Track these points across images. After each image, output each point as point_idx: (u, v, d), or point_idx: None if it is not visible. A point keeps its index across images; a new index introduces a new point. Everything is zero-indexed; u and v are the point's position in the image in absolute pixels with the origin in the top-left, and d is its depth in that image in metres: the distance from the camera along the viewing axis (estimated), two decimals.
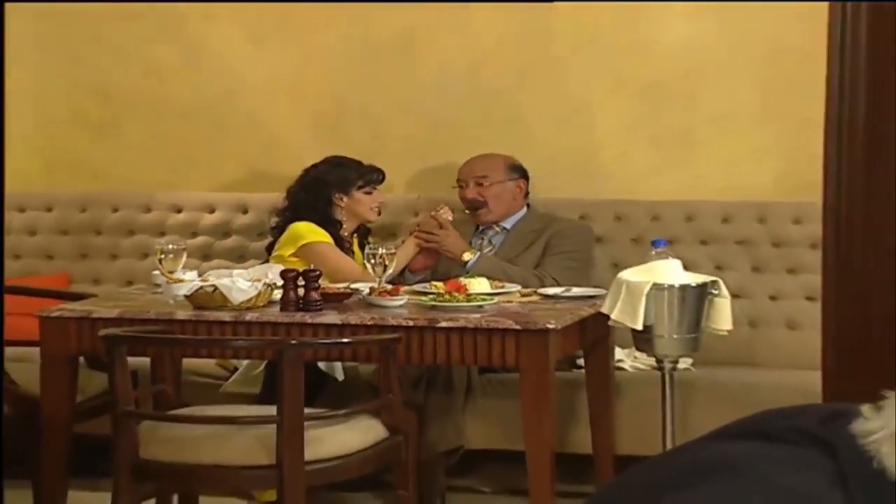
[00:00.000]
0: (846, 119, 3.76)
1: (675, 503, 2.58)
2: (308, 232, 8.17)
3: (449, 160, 8.71)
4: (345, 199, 8.29)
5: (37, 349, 7.16)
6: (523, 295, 7.28)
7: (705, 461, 2.72)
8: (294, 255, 8.00)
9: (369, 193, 8.34)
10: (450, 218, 8.09)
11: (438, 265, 8.30)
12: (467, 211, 8.40)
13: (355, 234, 8.43)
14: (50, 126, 9.37)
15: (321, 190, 8.28)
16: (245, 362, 7.99)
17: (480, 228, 8.44)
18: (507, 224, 8.37)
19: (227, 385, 7.91)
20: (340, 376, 7.58)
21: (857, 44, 3.72)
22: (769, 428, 2.73)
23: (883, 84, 3.72)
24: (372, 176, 8.38)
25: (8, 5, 9.21)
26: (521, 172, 8.43)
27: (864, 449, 2.59)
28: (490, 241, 8.37)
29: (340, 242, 8.24)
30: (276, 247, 8.25)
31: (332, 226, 8.25)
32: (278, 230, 8.33)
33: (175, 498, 7.30)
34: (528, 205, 8.44)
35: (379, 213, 8.45)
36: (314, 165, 8.38)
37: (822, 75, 3.76)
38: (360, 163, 8.42)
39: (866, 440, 2.64)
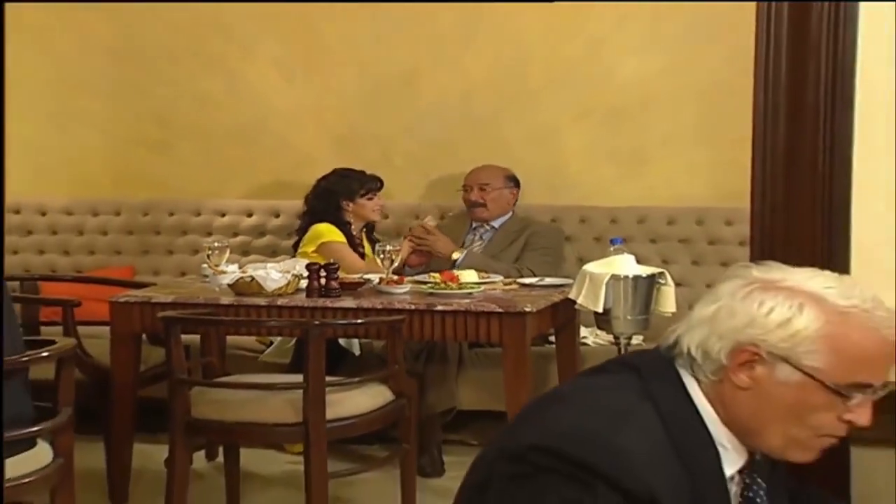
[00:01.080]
0: (769, 139, 3.78)
1: (513, 433, 2.81)
2: (327, 232, 8.19)
3: (444, 173, 8.72)
4: (351, 204, 8.28)
5: (107, 328, 7.23)
6: (505, 284, 7.32)
7: (546, 397, 2.97)
8: (315, 251, 8.00)
9: (371, 199, 8.36)
10: (434, 224, 8.18)
11: (432, 261, 8.29)
12: (472, 207, 8.43)
13: (363, 231, 8.44)
14: (119, 146, 9.35)
15: (331, 198, 8.29)
16: (279, 338, 8.03)
17: (473, 226, 8.44)
18: (496, 224, 8.38)
19: (264, 356, 7.97)
20: (357, 351, 7.64)
21: (777, 78, 3.75)
22: (605, 364, 2.96)
23: (799, 110, 3.75)
24: (372, 184, 8.38)
25: (80, 43, 9.25)
26: (515, 182, 8.45)
27: (660, 358, 2.84)
28: (481, 237, 8.39)
29: (352, 240, 8.25)
30: (301, 245, 8.25)
31: (343, 226, 8.24)
32: (301, 231, 8.35)
33: (220, 449, 7.43)
34: (513, 210, 8.47)
35: (382, 214, 8.49)
36: (325, 177, 8.39)
37: (749, 104, 3.79)
38: (363, 173, 8.41)
39: (663, 340, 2.86)
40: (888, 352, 2.71)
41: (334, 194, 8.31)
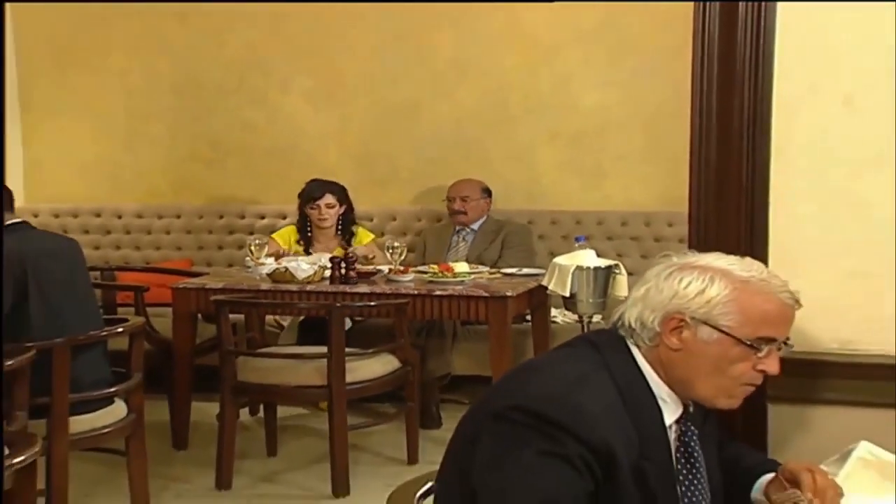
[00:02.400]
0: (703, 157, 3.77)
1: (497, 395, 2.83)
2: (279, 233, 8.26)
3: (441, 184, 8.64)
4: (308, 211, 8.09)
5: (170, 309, 7.27)
6: (490, 274, 7.33)
7: (524, 366, 3.03)
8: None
9: (313, 209, 8.04)
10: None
11: (426, 255, 8.32)
12: (454, 214, 8.38)
13: (338, 233, 8.13)
14: (179, 162, 9.34)
15: (300, 207, 8.13)
16: (288, 322, 7.99)
17: (457, 229, 8.39)
18: (475, 227, 8.33)
19: (280, 340, 7.87)
20: (348, 325, 7.43)
21: (709, 107, 3.74)
22: (570, 340, 3.02)
23: (727, 134, 3.74)
24: (312, 194, 8.08)
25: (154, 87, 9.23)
26: (489, 193, 8.40)
27: (613, 334, 2.90)
28: (464, 238, 8.34)
29: (309, 241, 8.11)
30: None
31: (302, 228, 8.14)
32: None
33: (261, 407, 7.45)
34: (487, 214, 8.43)
35: (330, 226, 8.08)
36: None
37: (686, 129, 3.78)
38: (314, 183, 8.11)
39: (611, 318, 2.94)
40: (785, 311, 2.82)
41: (300, 204, 8.16)
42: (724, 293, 2.76)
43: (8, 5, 9.34)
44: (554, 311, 7.68)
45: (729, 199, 3.77)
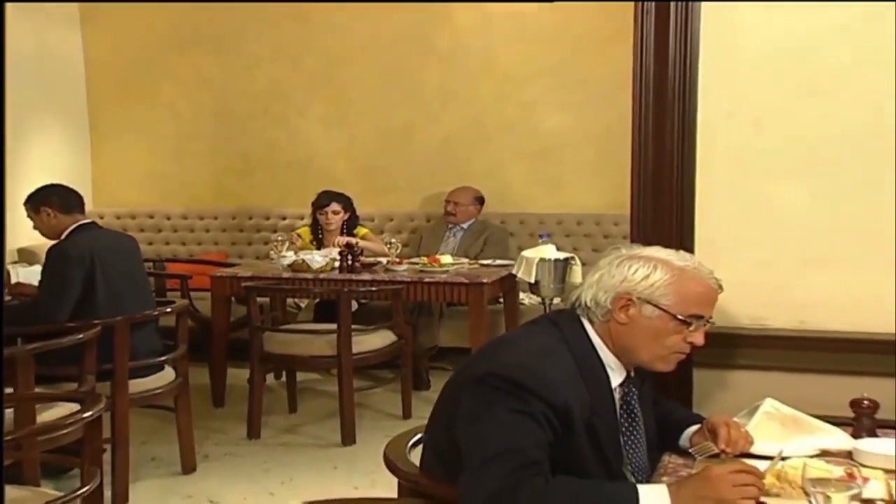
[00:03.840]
0: (641, 169, 3.77)
1: (475, 364, 2.81)
2: (301, 231, 8.13)
3: (431, 192, 8.66)
4: (318, 216, 7.99)
5: (209, 293, 7.25)
6: (470, 264, 7.30)
7: (497, 340, 3.06)
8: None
9: (321, 214, 7.95)
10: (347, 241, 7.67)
11: (422, 248, 8.28)
12: (447, 216, 8.37)
13: (343, 234, 7.92)
14: (217, 174, 9.33)
15: (313, 212, 8.04)
16: (305, 303, 7.98)
17: (449, 226, 8.35)
18: (464, 226, 8.30)
19: (298, 317, 7.88)
20: (355, 307, 7.37)
21: (646, 129, 3.73)
22: (535, 318, 3.05)
23: (660, 150, 3.73)
24: (319, 202, 7.99)
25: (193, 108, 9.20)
26: (480, 201, 8.40)
27: (571, 313, 2.93)
28: (454, 235, 8.30)
29: (317, 237, 7.99)
30: None
31: (315, 230, 8.04)
32: None
33: (283, 373, 7.44)
34: (476, 217, 8.40)
35: (335, 228, 7.93)
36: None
37: (629, 146, 3.78)
38: (323, 193, 8.03)
39: (570, 299, 2.98)
40: (712, 294, 2.88)
41: (313, 209, 8.06)
42: (665, 278, 2.80)
43: (82, 45, 9.37)
44: (522, 295, 7.66)
45: (663, 203, 3.76)
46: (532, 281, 6.42)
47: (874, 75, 3.55)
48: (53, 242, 5.71)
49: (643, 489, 2.52)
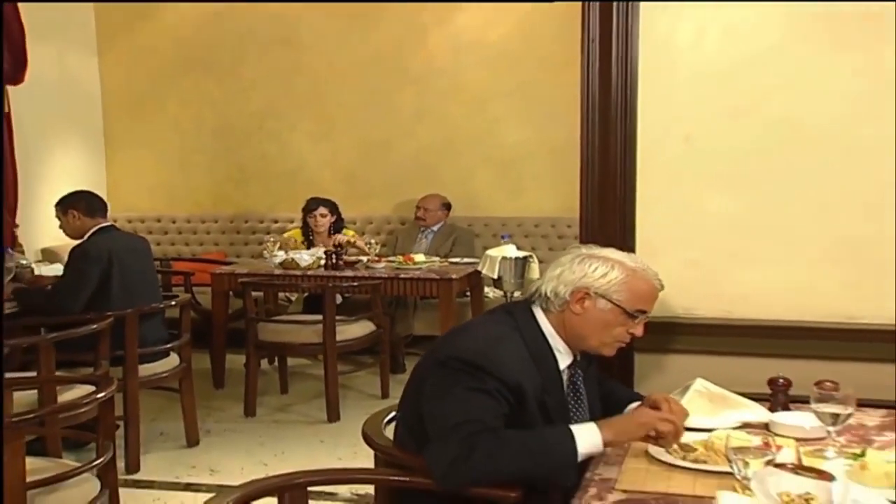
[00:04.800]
0: (589, 178, 3.79)
1: (439, 348, 2.81)
2: (293, 232, 8.11)
3: (405, 198, 8.60)
4: (308, 219, 7.92)
5: (210, 288, 7.20)
6: (441, 262, 7.27)
7: (458, 327, 3.01)
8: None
9: (311, 217, 7.88)
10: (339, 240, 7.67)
11: (397, 248, 8.23)
12: (417, 220, 8.33)
13: (330, 235, 7.85)
14: (217, 183, 9.26)
15: (303, 216, 7.95)
16: (295, 297, 7.93)
17: (421, 229, 8.30)
18: (434, 229, 8.23)
19: (289, 309, 7.83)
20: (340, 300, 7.34)
21: (593, 144, 3.75)
22: (492, 308, 3.04)
23: (606, 162, 3.75)
24: (308, 207, 7.93)
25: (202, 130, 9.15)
26: (448, 207, 8.33)
27: (523, 304, 2.95)
28: (426, 237, 8.23)
29: (308, 238, 7.91)
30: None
31: (305, 231, 7.96)
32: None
33: (276, 358, 7.41)
34: (444, 221, 8.38)
35: (324, 230, 7.85)
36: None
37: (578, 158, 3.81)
38: (312, 199, 7.97)
39: (528, 291, 2.98)
40: (656, 293, 2.89)
41: (303, 213, 7.99)
42: (620, 277, 2.81)
43: (99, 70, 9.36)
44: (486, 289, 7.63)
45: (608, 208, 3.78)
46: (495, 277, 6.43)
47: (789, 97, 3.60)
48: (77, 242, 5.73)
49: (576, 429, 2.61)
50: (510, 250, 6.54)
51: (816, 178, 3.60)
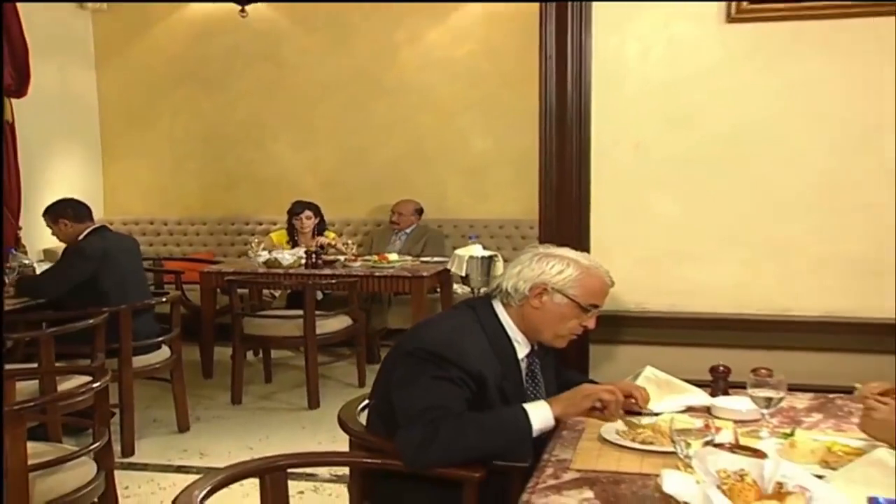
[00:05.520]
0: (548, 183, 3.79)
1: (407, 340, 2.81)
2: (275, 235, 8.03)
3: (381, 203, 8.59)
4: (293, 221, 7.86)
5: (198, 285, 7.16)
6: (413, 262, 7.27)
7: (426, 320, 3.02)
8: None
9: (297, 220, 7.83)
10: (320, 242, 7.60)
11: (373, 248, 8.20)
12: (392, 223, 8.32)
13: (314, 235, 7.83)
14: (207, 188, 9.22)
15: (288, 218, 7.91)
16: (278, 293, 7.89)
17: (395, 231, 8.28)
18: (407, 231, 8.24)
19: (273, 305, 7.81)
20: (320, 296, 7.31)
21: (550, 152, 3.75)
22: (456, 304, 3.04)
23: (562, 169, 3.76)
24: (294, 210, 7.89)
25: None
26: (419, 211, 8.33)
27: (484, 298, 2.95)
28: (399, 239, 8.21)
29: (293, 240, 7.83)
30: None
31: (291, 232, 7.90)
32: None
33: (261, 350, 7.40)
34: (416, 224, 8.39)
35: (309, 231, 7.82)
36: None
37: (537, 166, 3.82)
38: (297, 202, 7.93)
39: (490, 287, 3.00)
40: (607, 289, 2.91)
41: (288, 215, 7.95)
42: (575, 274, 2.83)
43: (97, 83, 9.31)
44: (455, 286, 7.60)
45: (565, 211, 3.79)
46: (463, 274, 6.43)
47: (725, 109, 3.63)
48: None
49: (529, 407, 2.64)
50: (477, 250, 6.55)
51: (750, 182, 3.63)
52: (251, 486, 2.54)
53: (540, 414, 2.63)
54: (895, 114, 3.49)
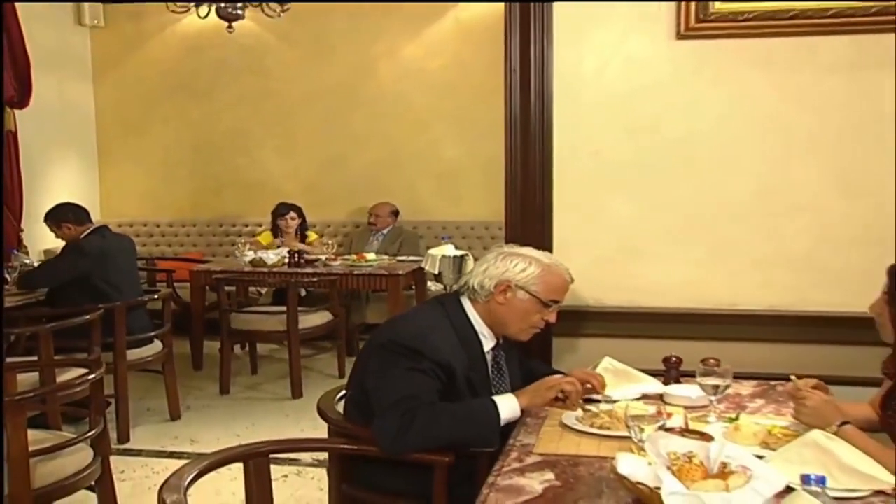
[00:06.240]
0: (514, 188, 3.80)
1: (381, 333, 2.83)
2: (262, 236, 8.01)
3: (359, 205, 8.58)
4: (278, 222, 7.89)
5: (189, 283, 7.11)
6: (389, 260, 7.28)
7: (398, 315, 3.04)
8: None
9: (281, 221, 7.86)
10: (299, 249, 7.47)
11: (352, 248, 8.15)
12: (370, 224, 8.27)
13: (297, 235, 7.89)
14: (196, 192, 9.17)
15: (273, 219, 7.94)
16: (264, 291, 7.83)
17: (373, 232, 8.22)
18: (384, 232, 8.18)
19: (259, 301, 7.78)
20: (303, 293, 7.29)
21: (516, 158, 3.75)
22: (427, 300, 3.09)
23: (527, 175, 3.77)
24: (279, 212, 7.91)
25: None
26: (395, 213, 8.27)
27: (453, 295, 2.94)
28: (377, 239, 8.16)
29: (282, 242, 7.76)
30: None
31: (276, 233, 7.90)
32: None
33: (247, 344, 7.36)
34: (393, 225, 8.37)
35: (293, 231, 7.84)
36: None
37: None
38: (282, 204, 7.94)
39: (459, 284, 2.96)
40: (567, 285, 2.92)
41: (272, 218, 7.97)
42: (537, 272, 2.84)
43: (94, 94, 9.26)
44: (429, 283, 7.62)
45: (529, 213, 3.79)
46: (436, 272, 6.46)
47: (676, 119, 3.65)
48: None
49: (498, 399, 2.67)
50: (449, 250, 6.58)
51: (700, 187, 3.65)
52: (237, 469, 2.53)
53: (508, 405, 2.65)
54: (829, 123, 3.53)
